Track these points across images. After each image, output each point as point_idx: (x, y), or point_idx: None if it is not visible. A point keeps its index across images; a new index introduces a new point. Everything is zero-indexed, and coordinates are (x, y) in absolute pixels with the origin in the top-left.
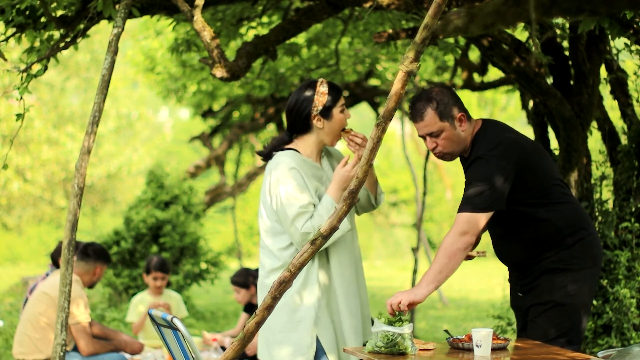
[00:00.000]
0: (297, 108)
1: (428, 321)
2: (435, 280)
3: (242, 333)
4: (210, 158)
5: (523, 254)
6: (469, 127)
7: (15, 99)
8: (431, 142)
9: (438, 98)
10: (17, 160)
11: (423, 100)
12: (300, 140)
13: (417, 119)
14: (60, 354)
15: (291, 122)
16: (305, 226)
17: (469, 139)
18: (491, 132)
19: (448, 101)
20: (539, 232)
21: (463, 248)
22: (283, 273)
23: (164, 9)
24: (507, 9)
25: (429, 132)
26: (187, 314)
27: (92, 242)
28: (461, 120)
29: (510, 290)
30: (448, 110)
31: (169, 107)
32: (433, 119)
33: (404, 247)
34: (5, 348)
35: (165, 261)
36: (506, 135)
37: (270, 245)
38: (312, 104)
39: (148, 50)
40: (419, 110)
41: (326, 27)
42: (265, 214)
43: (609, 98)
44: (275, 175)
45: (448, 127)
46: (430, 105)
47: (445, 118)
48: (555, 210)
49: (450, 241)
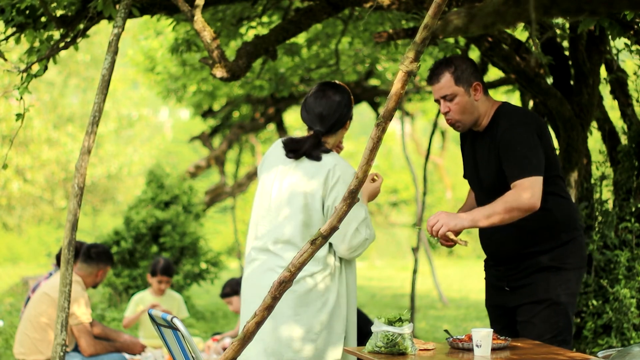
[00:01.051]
0: (340, 108)
1: (428, 321)
2: (479, 221)
3: (242, 333)
4: (210, 158)
5: (517, 244)
6: (485, 101)
7: (15, 99)
8: (444, 106)
9: (457, 63)
10: (17, 160)
11: (442, 64)
12: (327, 141)
13: (433, 81)
14: (60, 354)
15: (333, 122)
16: (367, 232)
17: (483, 111)
18: (516, 107)
19: (466, 68)
20: (538, 222)
21: (524, 210)
22: (283, 273)
23: (164, 8)
24: (507, 9)
25: (443, 94)
26: (188, 314)
27: (95, 244)
28: (476, 89)
29: (491, 287)
30: (465, 76)
31: (169, 107)
32: (449, 82)
33: (404, 247)
34: (5, 348)
35: (171, 265)
36: (532, 112)
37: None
38: (351, 107)
39: (148, 50)
40: (436, 72)
41: (326, 27)
42: (307, 213)
43: (609, 98)
44: (341, 176)
45: (462, 93)
46: (448, 69)
47: (460, 83)
48: (557, 203)
49: (514, 197)
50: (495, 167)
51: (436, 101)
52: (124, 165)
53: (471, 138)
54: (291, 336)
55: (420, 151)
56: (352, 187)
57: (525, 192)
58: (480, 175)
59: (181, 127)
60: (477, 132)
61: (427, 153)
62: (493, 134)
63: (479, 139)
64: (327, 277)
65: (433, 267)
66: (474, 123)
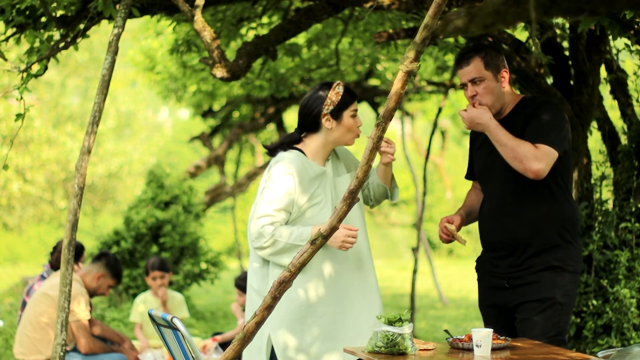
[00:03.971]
0: (309, 105)
1: (428, 321)
2: (495, 135)
3: (242, 333)
4: (210, 158)
5: (524, 234)
6: (510, 91)
7: (15, 99)
8: (471, 90)
9: (487, 50)
10: (17, 160)
11: (472, 49)
12: (309, 140)
13: (462, 64)
14: (60, 354)
15: (302, 119)
16: (267, 227)
17: (507, 101)
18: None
19: (495, 55)
20: (549, 215)
21: (526, 169)
22: (283, 273)
23: (164, 9)
24: (507, 9)
25: (472, 77)
26: (188, 315)
27: (109, 252)
28: (504, 76)
29: (487, 287)
30: (494, 62)
31: (168, 107)
32: (478, 65)
33: (404, 247)
34: (5, 348)
35: (163, 260)
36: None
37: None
38: (324, 103)
39: (148, 50)
40: (466, 56)
41: (326, 27)
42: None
43: (609, 98)
44: (270, 174)
45: (490, 78)
46: (479, 53)
47: (489, 68)
48: (568, 202)
49: (527, 152)
50: None
51: (462, 86)
52: (124, 164)
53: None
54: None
55: (420, 151)
56: (352, 187)
57: (540, 158)
58: (500, 157)
59: (181, 127)
60: (499, 120)
61: (427, 153)
62: (520, 117)
63: (502, 124)
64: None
65: (433, 267)
66: (498, 112)
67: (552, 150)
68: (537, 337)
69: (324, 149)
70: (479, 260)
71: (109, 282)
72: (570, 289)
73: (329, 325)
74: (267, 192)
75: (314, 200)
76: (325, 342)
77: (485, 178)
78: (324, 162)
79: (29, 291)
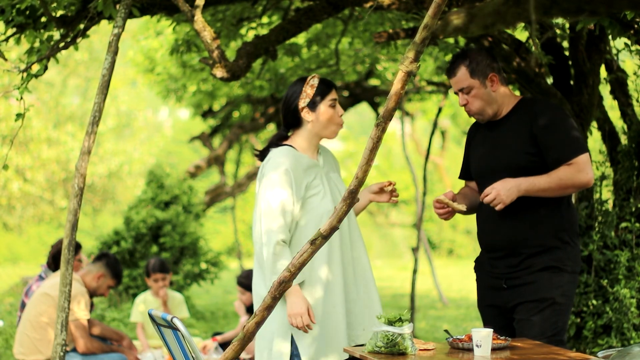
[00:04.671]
0: (287, 100)
1: (428, 321)
2: (534, 190)
3: (242, 333)
4: (210, 158)
5: (522, 235)
6: (505, 92)
7: (15, 99)
8: (462, 99)
9: (472, 56)
10: (17, 160)
11: (459, 58)
12: (295, 136)
13: (450, 75)
14: (60, 354)
15: (284, 115)
16: (283, 252)
17: (503, 102)
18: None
19: (482, 60)
20: (547, 216)
21: (580, 186)
22: (283, 273)
23: (164, 9)
24: (507, 9)
25: (460, 87)
26: (188, 315)
27: (110, 253)
28: (492, 80)
29: (485, 287)
30: (480, 68)
31: (168, 107)
32: (464, 75)
33: (404, 247)
34: (5, 348)
35: (163, 261)
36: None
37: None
38: (300, 96)
39: (148, 51)
40: (453, 66)
41: (326, 27)
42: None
43: (609, 98)
44: (269, 178)
45: (478, 85)
46: (464, 62)
47: (475, 76)
48: (566, 202)
49: (571, 175)
50: (521, 148)
51: (455, 93)
52: (124, 164)
53: (487, 126)
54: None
55: (420, 151)
56: (352, 187)
57: (583, 169)
58: (498, 156)
59: (181, 127)
60: (497, 121)
61: (427, 153)
62: (520, 118)
63: (501, 124)
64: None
65: (433, 267)
66: (494, 114)
67: (582, 156)
68: (536, 337)
69: (310, 143)
70: (477, 261)
71: (109, 283)
72: (569, 289)
73: (329, 327)
74: (268, 200)
75: (312, 190)
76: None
77: (482, 179)
78: (315, 156)
79: (28, 292)
